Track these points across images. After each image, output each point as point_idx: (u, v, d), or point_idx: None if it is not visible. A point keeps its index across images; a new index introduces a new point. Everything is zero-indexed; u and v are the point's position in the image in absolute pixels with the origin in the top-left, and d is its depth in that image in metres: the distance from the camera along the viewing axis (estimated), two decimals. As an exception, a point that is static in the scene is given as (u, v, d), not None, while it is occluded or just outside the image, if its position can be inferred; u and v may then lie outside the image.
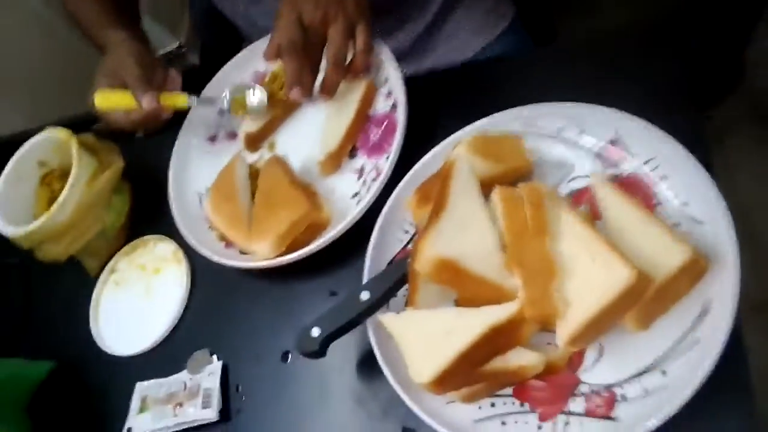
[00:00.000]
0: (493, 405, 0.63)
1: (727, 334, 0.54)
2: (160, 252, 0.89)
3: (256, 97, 0.87)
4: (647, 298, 0.56)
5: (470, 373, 0.60)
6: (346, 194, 0.80)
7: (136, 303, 0.87)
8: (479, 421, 0.62)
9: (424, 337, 0.60)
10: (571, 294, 0.57)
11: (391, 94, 0.82)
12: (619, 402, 0.58)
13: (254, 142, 0.90)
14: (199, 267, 0.86)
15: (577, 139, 0.70)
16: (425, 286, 0.65)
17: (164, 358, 0.83)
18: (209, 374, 0.77)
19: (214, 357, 0.79)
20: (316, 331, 0.66)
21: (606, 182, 0.63)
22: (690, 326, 0.58)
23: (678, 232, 0.59)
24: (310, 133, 0.87)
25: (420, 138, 0.77)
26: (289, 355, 0.77)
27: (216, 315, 0.83)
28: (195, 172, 0.91)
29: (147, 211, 0.95)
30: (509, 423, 0.61)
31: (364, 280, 0.70)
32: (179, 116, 0.93)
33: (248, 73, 0.96)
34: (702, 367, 0.54)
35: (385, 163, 0.77)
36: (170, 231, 0.88)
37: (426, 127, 0.79)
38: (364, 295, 0.66)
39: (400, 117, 0.77)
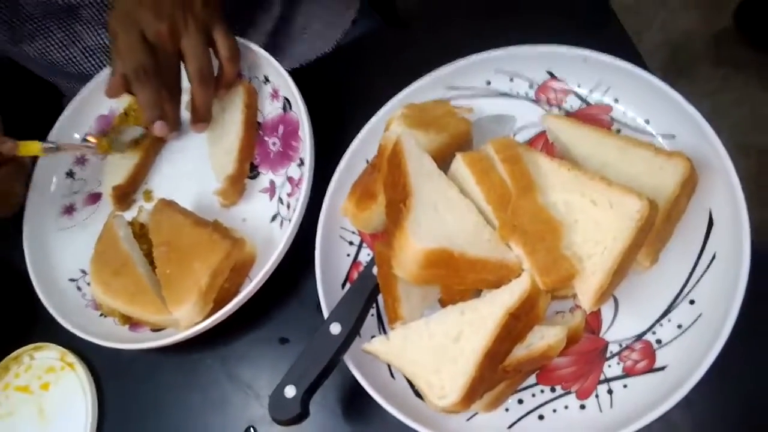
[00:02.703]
0: (521, 402, 0.54)
1: (746, 237, 0.49)
2: (42, 363, 0.70)
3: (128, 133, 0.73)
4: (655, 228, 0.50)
5: (494, 373, 0.50)
6: (263, 219, 0.66)
7: (29, 435, 0.67)
8: (514, 425, 0.53)
9: (431, 352, 0.49)
10: (583, 247, 0.49)
11: (278, 92, 0.69)
12: (657, 348, 0.52)
13: (125, 195, 0.73)
14: (102, 366, 0.69)
15: (509, 88, 0.63)
16: (406, 293, 0.54)
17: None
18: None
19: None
20: (290, 391, 0.53)
21: (563, 119, 0.57)
22: (701, 244, 0.53)
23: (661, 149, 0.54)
24: (191, 166, 0.73)
25: (326, 134, 0.66)
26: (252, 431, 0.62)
27: (144, 415, 0.66)
28: (60, 256, 0.74)
29: (9, 322, 0.74)
30: (547, 415, 0.53)
31: (324, 312, 0.58)
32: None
33: (91, 118, 0.79)
34: (734, 280, 0.49)
35: (299, 171, 0.65)
36: (50, 336, 0.70)
37: (329, 120, 0.67)
38: (335, 328, 0.54)
39: (301, 113, 0.65)
